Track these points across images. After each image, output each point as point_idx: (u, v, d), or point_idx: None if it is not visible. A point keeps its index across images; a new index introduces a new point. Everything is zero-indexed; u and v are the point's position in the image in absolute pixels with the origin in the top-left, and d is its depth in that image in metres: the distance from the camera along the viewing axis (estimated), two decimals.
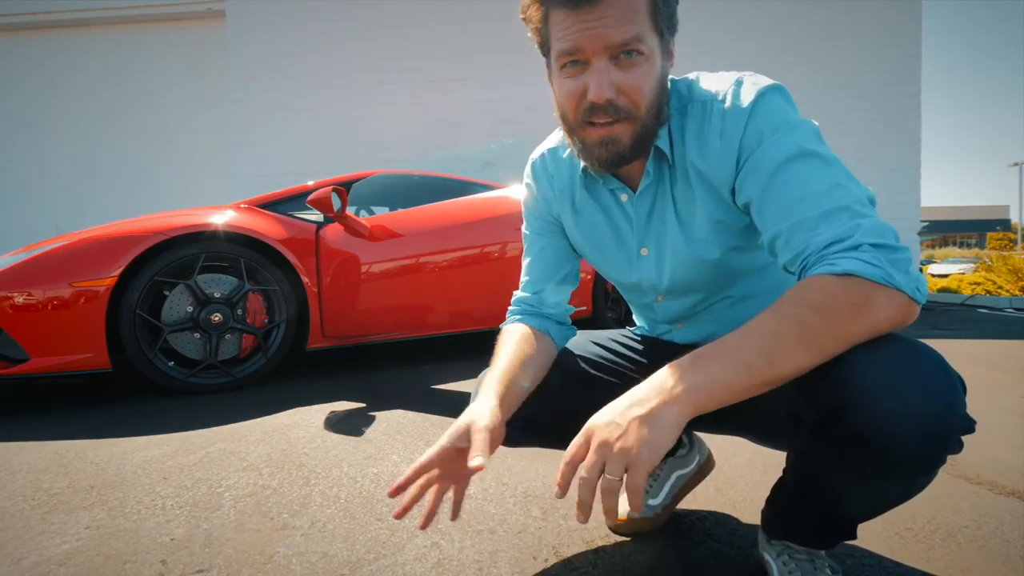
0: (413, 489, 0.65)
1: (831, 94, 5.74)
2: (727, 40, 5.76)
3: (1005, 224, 43.19)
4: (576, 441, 0.57)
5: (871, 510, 0.66)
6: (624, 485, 0.52)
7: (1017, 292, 6.19)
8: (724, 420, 0.73)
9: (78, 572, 0.88)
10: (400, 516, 0.64)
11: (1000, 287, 6.45)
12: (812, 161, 0.62)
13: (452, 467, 0.67)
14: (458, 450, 0.65)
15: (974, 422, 0.56)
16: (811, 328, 0.53)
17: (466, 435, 0.65)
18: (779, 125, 0.65)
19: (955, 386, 0.54)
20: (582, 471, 0.54)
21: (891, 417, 0.53)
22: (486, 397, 0.71)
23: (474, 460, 0.58)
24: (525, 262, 0.92)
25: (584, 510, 0.54)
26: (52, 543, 0.98)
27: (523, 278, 0.92)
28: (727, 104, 0.68)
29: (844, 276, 0.53)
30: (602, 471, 0.53)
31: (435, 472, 0.66)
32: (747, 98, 0.67)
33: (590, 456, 0.55)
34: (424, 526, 0.67)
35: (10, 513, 1.11)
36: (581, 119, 0.68)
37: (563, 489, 0.56)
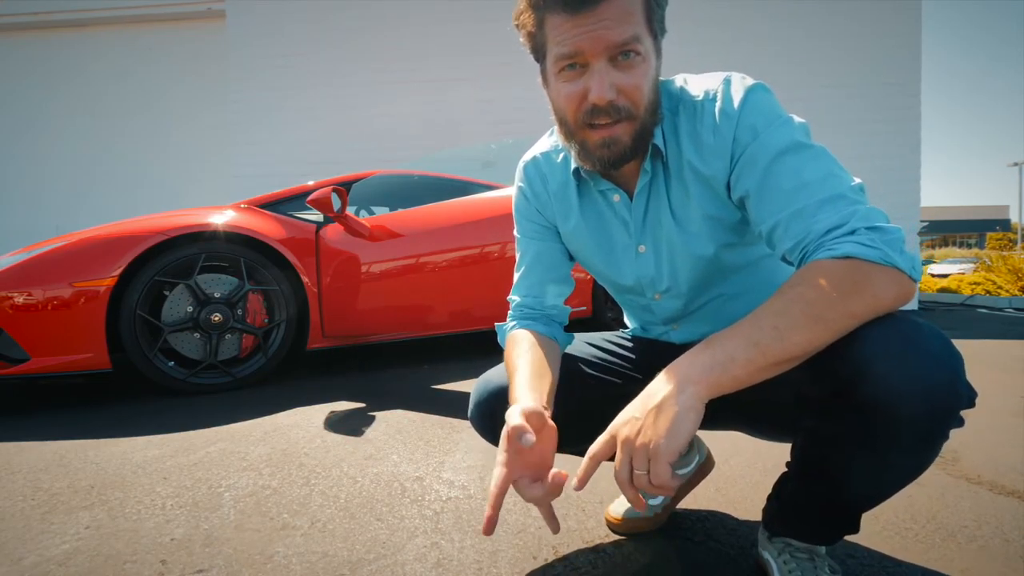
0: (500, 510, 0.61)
1: (831, 94, 5.73)
2: (726, 40, 5.76)
3: (1005, 224, 43.16)
4: (601, 438, 0.59)
5: (875, 491, 0.66)
6: (649, 479, 0.54)
7: (1017, 292, 6.19)
8: (728, 412, 0.73)
9: (78, 572, 0.88)
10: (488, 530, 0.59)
11: (1000, 287, 6.44)
12: (805, 153, 0.66)
13: (524, 462, 0.64)
14: (518, 452, 0.63)
15: (976, 394, 0.58)
16: (815, 303, 0.55)
17: (516, 435, 0.62)
18: (771, 120, 0.68)
19: (958, 358, 0.57)
20: (616, 472, 0.56)
21: (901, 384, 0.54)
22: (527, 397, 0.69)
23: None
24: (520, 268, 0.91)
25: (636, 504, 0.56)
26: (52, 543, 0.98)
27: (521, 281, 0.90)
28: (719, 102, 0.70)
29: (844, 259, 0.56)
30: (631, 467, 0.55)
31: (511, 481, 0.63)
32: (737, 95, 0.69)
33: (618, 455, 0.57)
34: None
35: (10, 513, 1.11)
36: (582, 121, 0.69)
37: (581, 483, 0.57)
